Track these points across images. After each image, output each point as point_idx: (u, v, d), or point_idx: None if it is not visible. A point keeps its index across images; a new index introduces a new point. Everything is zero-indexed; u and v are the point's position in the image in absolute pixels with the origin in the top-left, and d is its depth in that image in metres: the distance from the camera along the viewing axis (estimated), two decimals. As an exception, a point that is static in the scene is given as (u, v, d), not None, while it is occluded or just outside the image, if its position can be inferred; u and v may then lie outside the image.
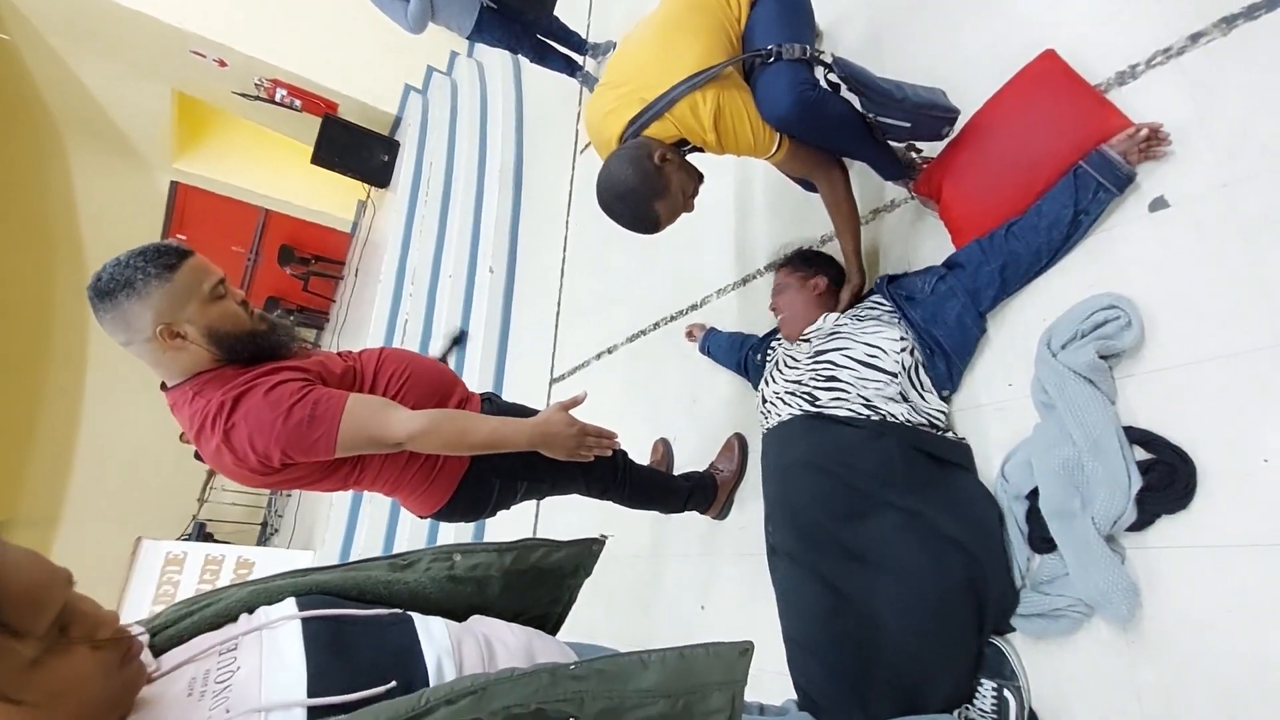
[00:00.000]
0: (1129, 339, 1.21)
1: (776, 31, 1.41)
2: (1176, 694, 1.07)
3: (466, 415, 1.27)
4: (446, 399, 1.44)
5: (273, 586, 0.74)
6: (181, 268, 1.13)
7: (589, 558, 0.91)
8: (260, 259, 8.07)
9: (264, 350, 1.23)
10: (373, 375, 1.34)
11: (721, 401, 2.18)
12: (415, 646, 0.69)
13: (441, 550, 0.81)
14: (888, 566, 1.30)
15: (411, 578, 0.79)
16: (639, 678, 0.64)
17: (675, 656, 0.67)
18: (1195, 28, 1.27)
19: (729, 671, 0.68)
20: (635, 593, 2.30)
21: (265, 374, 1.17)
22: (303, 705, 0.58)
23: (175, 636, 0.68)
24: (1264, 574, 1.02)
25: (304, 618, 0.67)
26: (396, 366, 1.38)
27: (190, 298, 1.13)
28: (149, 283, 1.09)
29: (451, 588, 0.80)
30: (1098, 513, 1.15)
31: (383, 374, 1.35)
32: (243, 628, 0.67)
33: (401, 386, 1.35)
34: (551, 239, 3.71)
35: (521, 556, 0.84)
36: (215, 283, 1.17)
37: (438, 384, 1.44)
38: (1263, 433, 1.05)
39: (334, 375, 1.28)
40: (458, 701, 0.56)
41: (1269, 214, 1.11)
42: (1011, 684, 1.23)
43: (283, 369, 1.19)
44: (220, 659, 0.62)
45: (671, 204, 1.47)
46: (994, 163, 1.47)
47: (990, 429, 1.42)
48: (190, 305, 1.13)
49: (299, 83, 6.52)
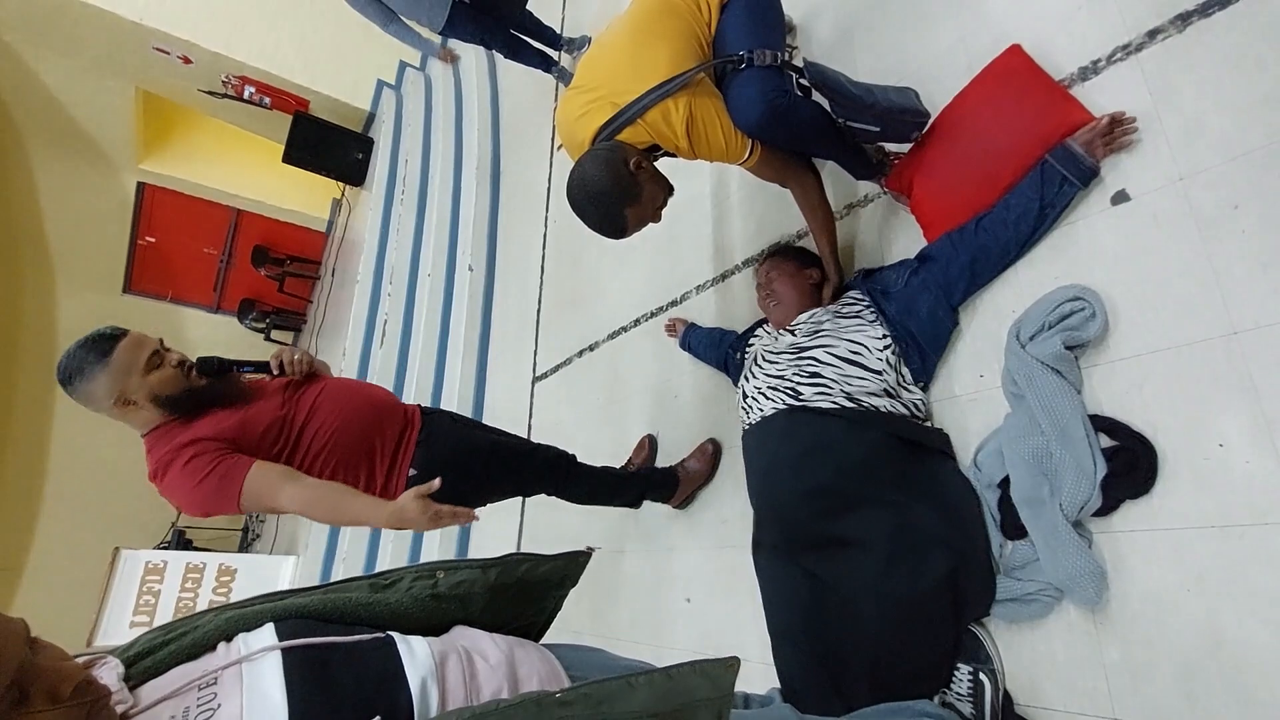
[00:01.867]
0: (1094, 329, 1.24)
1: (747, 36, 1.42)
2: (1141, 672, 1.11)
3: (340, 495, 1.41)
4: (381, 434, 1.62)
5: (250, 612, 0.72)
6: (116, 350, 1.35)
7: (575, 569, 0.90)
8: (233, 260, 7.95)
9: (205, 402, 1.44)
10: (300, 428, 1.52)
11: (703, 397, 2.20)
12: (399, 672, 0.68)
13: (424, 568, 0.80)
14: (868, 557, 1.33)
15: (393, 598, 0.77)
16: (627, 699, 0.64)
17: (663, 677, 0.67)
18: (1153, 24, 1.30)
19: (716, 688, 0.68)
20: (621, 587, 2.32)
21: (187, 445, 1.38)
22: None
23: (152, 667, 0.66)
24: (1219, 554, 1.06)
25: (284, 648, 0.65)
26: (327, 418, 1.54)
27: (130, 372, 1.36)
28: (93, 368, 1.33)
29: (434, 606, 0.78)
30: (1065, 499, 1.19)
31: (310, 427, 1.53)
32: (221, 660, 0.65)
33: (328, 442, 1.53)
34: (531, 236, 3.70)
35: (507, 571, 0.83)
36: (149, 355, 1.38)
37: (369, 425, 1.60)
38: (1217, 419, 1.10)
39: (256, 433, 1.46)
40: None
41: (1221, 207, 1.15)
42: (986, 667, 1.27)
43: (201, 440, 1.39)
44: (200, 694, 0.61)
45: (641, 212, 1.47)
46: (962, 157, 1.50)
47: (963, 420, 1.46)
48: (132, 377, 1.36)
49: (267, 79, 6.39)
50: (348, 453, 1.56)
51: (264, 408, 1.50)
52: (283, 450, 1.49)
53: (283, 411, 1.51)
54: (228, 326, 8.06)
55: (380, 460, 1.61)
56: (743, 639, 1.69)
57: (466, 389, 3.71)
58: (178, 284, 7.76)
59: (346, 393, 1.62)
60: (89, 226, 7.09)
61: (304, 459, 1.52)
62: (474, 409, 3.68)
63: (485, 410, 3.67)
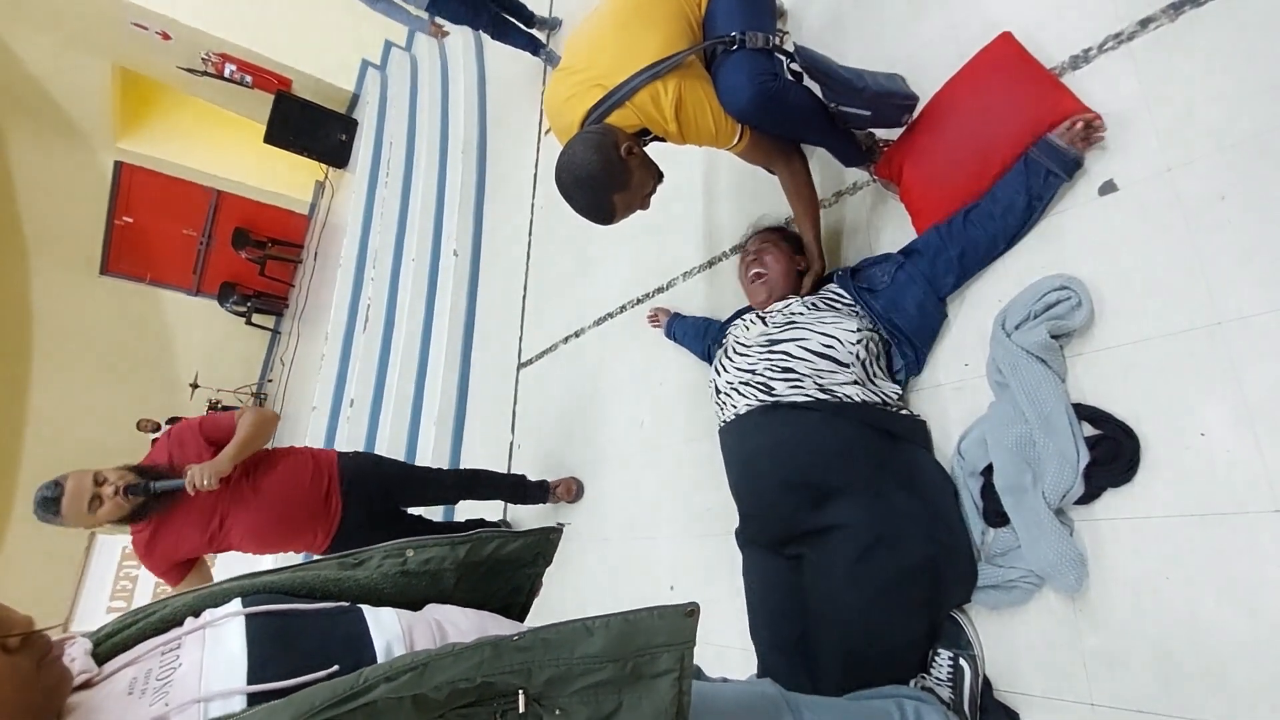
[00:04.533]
0: (1079, 319, 1.25)
1: (738, 18, 1.39)
2: (1119, 657, 1.12)
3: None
4: (307, 507, 2.03)
5: (219, 590, 0.72)
6: (62, 503, 1.65)
7: (547, 546, 0.90)
8: (213, 242, 7.81)
9: (148, 513, 1.78)
10: (227, 543, 1.96)
11: (688, 385, 2.19)
12: (364, 634, 0.68)
13: (394, 547, 0.80)
14: (847, 544, 1.33)
15: (363, 575, 0.77)
16: (585, 644, 0.65)
17: (620, 621, 0.67)
18: (1145, 13, 1.30)
19: (676, 633, 0.68)
20: (602, 574, 2.32)
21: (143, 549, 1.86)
22: (242, 692, 0.57)
23: (120, 644, 0.66)
24: (1197, 542, 1.07)
25: (248, 614, 0.66)
26: (248, 531, 1.93)
27: (80, 518, 1.67)
28: (55, 522, 1.68)
29: (405, 582, 0.78)
30: (1048, 487, 1.20)
31: (234, 543, 1.97)
32: (187, 629, 0.66)
33: (257, 541, 2.00)
34: (517, 222, 3.66)
35: (475, 549, 0.82)
36: (89, 500, 1.66)
37: (290, 516, 2.01)
38: (1200, 408, 1.10)
39: (184, 552, 1.90)
40: (398, 678, 0.56)
41: (1207, 198, 1.15)
42: (966, 653, 1.27)
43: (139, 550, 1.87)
44: (163, 658, 0.61)
45: (630, 199, 1.45)
46: (952, 145, 1.49)
47: (948, 408, 1.46)
48: (84, 519, 1.68)
49: (249, 57, 6.25)
50: (281, 538, 2.04)
51: (193, 528, 1.86)
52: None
53: (208, 534, 1.88)
54: (207, 310, 7.93)
55: (316, 520, 2.04)
56: (725, 626, 1.69)
57: (450, 375, 3.68)
58: (156, 266, 7.60)
59: (265, 526, 1.97)
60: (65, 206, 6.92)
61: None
62: (458, 396, 3.65)
63: (469, 397, 3.64)
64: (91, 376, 6.86)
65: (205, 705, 0.55)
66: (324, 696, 0.53)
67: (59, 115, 6.63)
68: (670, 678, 0.67)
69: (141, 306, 7.59)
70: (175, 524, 1.81)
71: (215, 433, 1.90)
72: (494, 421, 3.22)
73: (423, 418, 3.70)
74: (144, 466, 1.78)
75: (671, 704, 0.66)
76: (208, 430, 1.91)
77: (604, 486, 2.46)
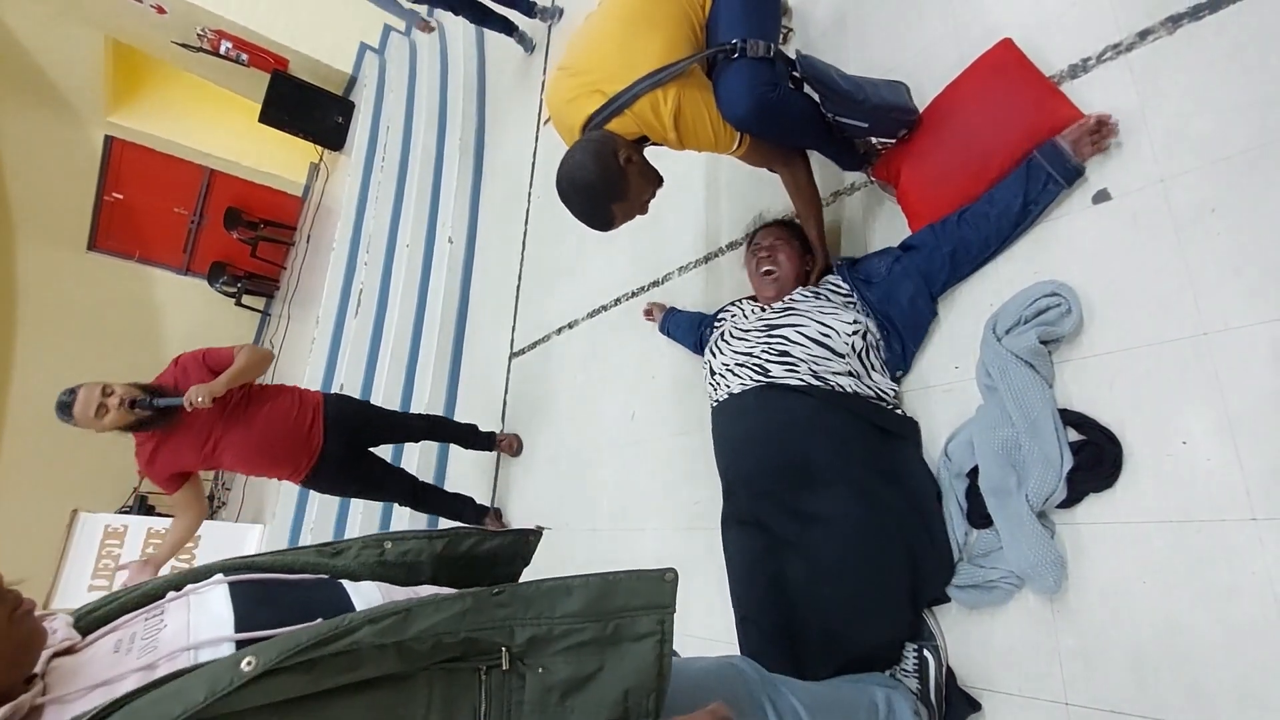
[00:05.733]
0: (1068, 325, 1.26)
1: (741, 24, 1.39)
2: (1094, 658, 1.14)
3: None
4: (293, 435, 2.29)
5: (200, 569, 0.73)
6: (74, 407, 1.94)
7: (525, 548, 0.91)
8: (205, 221, 7.71)
9: (150, 426, 2.07)
10: (220, 461, 2.24)
11: (680, 379, 2.20)
12: (346, 599, 0.69)
13: (372, 538, 0.81)
14: (833, 535, 1.35)
15: (341, 563, 0.78)
16: (564, 602, 0.66)
17: (599, 580, 0.68)
18: (1144, 25, 1.31)
19: (655, 595, 0.69)
20: (592, 565, 2.31)
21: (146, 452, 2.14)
22: (231, 639, 0.58)
23: (101, 618, 0.67)
24: (1174, 547, 1.09)
25: (231, 581, 0.67)
26: (240, 453, 2.22)
27: (89, 423, 1.96)
28: (69, 422, 1.98)
29: (382, 572, 0.79)
30: (1031, 490, 1.21)
31: (226, 462, 2.25)
32: (170, 598, 0.67)
33: (247, 465, 2.30)
34: (513, 210, 3.64)
35: (452, 544, 0.84)
36: (96, 407, 1.94)
37: (279, 440, 2.27)
38: (1183, 417, 1.12)
39: (180, 465, 2.18)
40: (380, 621, 0.56)
41: (1198, 209, 1.17)
42: (930, 644, 1.32)
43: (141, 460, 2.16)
44: (147, 623, 0.62)
45: (628, 207, 1.46)
46: (950, 149, 1.50)
47: (937, 410, 1.47)
48: (93, 424, 1.96)
49: (245, 35, 6.16)
50: (267, 462, 2.29)
51: (189, 446, 2.14)
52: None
53: (205, 451, 2.16)
54: (197, 289, 7.83)
55: (298, 451, 2.29)
56: (712, 617, 1.71)
57: (442, 363, 3.67)
58: (146, 243, 7.49)
59: (249, 437, 2.21)
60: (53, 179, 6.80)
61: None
62: (449, 384, 3.64)
63: (460, 385, 3.63)
64: (77, 354, 6.76)
65: (195, 652, 0.56)
66: (309, 635, 0.53)
67: (49, 87, 6.50)
68: (652, 640, 0.68)
69: (130, 284, 7.49)
70: (174, 441, 2.11)
71: (216, 363, 2.18)
72: (484, 411, 3.22)
73: (413, 404, 3.69)
74: (150, 385, 2.06)
75: (653, 666, 0.67)
76: (210, 361, 2.19)
77: (593, 477, 2.47)
